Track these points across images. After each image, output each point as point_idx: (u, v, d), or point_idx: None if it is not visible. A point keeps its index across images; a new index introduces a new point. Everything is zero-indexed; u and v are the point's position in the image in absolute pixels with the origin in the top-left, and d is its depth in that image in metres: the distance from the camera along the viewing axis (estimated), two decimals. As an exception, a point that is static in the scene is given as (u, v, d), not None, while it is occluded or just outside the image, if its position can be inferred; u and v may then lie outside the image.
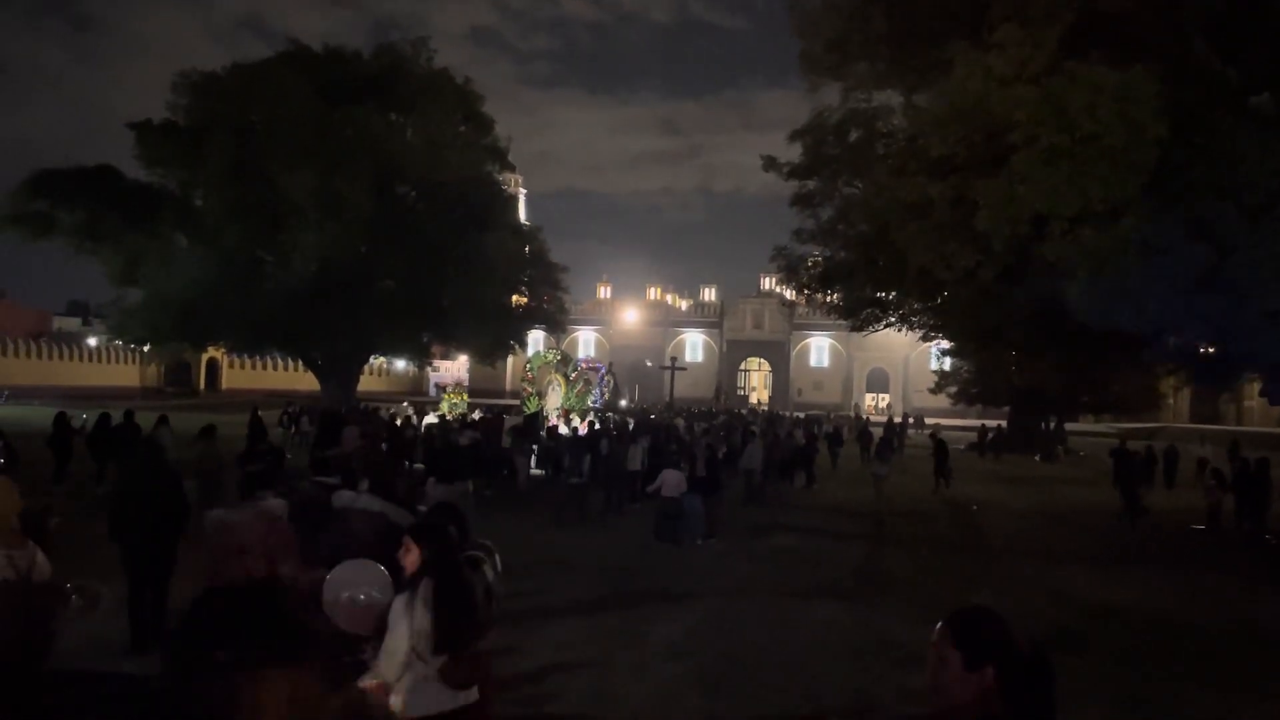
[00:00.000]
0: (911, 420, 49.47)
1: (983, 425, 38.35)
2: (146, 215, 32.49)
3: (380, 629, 3.82)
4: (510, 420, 24.53)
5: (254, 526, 5.19)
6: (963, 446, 34.14)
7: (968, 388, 44.31)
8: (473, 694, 3.87)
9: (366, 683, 3.73)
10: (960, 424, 44.76)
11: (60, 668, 4.19)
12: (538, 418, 25.13)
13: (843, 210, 26.83)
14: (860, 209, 24.77)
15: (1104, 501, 19.62)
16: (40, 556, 4.15)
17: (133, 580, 7.51)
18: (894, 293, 29.85)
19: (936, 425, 32.50)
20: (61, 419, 17.52)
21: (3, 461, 7.84)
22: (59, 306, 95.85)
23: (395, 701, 3.72)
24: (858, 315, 31.96)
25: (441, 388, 46.18)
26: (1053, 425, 40.01)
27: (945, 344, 43.11)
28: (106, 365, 63.45)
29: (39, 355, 59.70)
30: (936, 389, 48.55)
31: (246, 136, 32.32)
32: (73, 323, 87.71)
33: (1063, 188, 16.17)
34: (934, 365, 60.63)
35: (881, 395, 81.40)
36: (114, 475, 14.36)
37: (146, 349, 51.31)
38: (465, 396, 36.97)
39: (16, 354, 57.59)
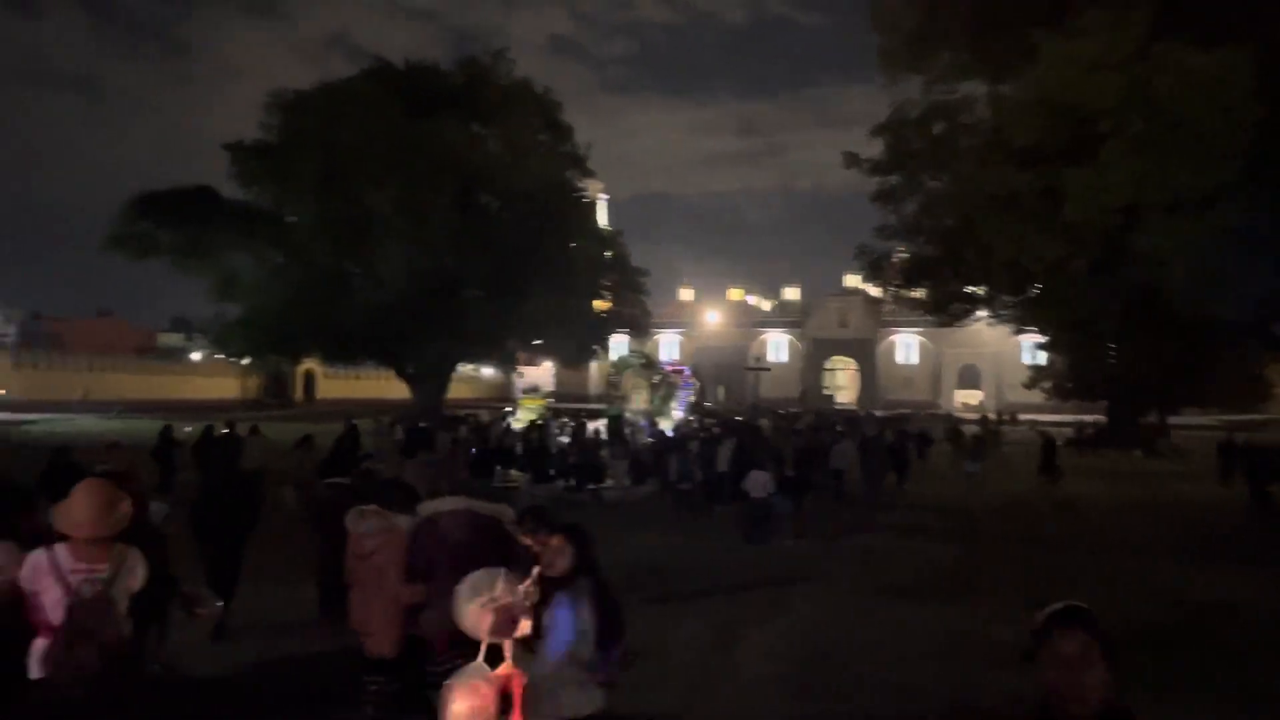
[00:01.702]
0: (1006, 417, 48.15)
1: (1081, 420, 37.15)
2: (243, 233, 33.74)
3: (510, 632, 3.86)
4: (593, 424, 24.73)
5: (379, 537, 5.38)
6: (1060, 442, 33.11)
7: (1063, 382, 42.94)
8: (604, 697, 3.91)
9: (460, 704, 3.75)
10: (1056, 419, 43.43)
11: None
12: (621, 421, 25.29)
13: (926, 204, 26.34)
14: (945, 203, 24.34)
15: (1211, 496, 18.84)
16: (132, 563, 4.22)
17: (208, 579, 7.94)
18: (982, 286, 29.17)
19: (1032, 421, 31.65)
20: (167, 432, 18.31)
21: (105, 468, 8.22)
22: (163, 323, 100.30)
23: (557, 701, 3.74)
24: (945, 310, 31.30)
25: (529, 391, 46.76)
26: (1154, 418, 38.53)
27: (1039, 337, 41.92)
28: (208, 378, 66.07)
29: (146, 370, 62.45)
30: (1031, 384, 47.17)
31: (334, 153, 33.30)
32: (176, 338, 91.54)
33: (1154, 176, 15.62)
34: (1027, 359, 58.98)
35: (973, 391, 79.41)
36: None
37: (246, 362, 53.28)
38: (543, 401, 37.45)
39: (126, 369, 60.36)
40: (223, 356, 53.41)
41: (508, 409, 36.27)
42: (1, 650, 4.33)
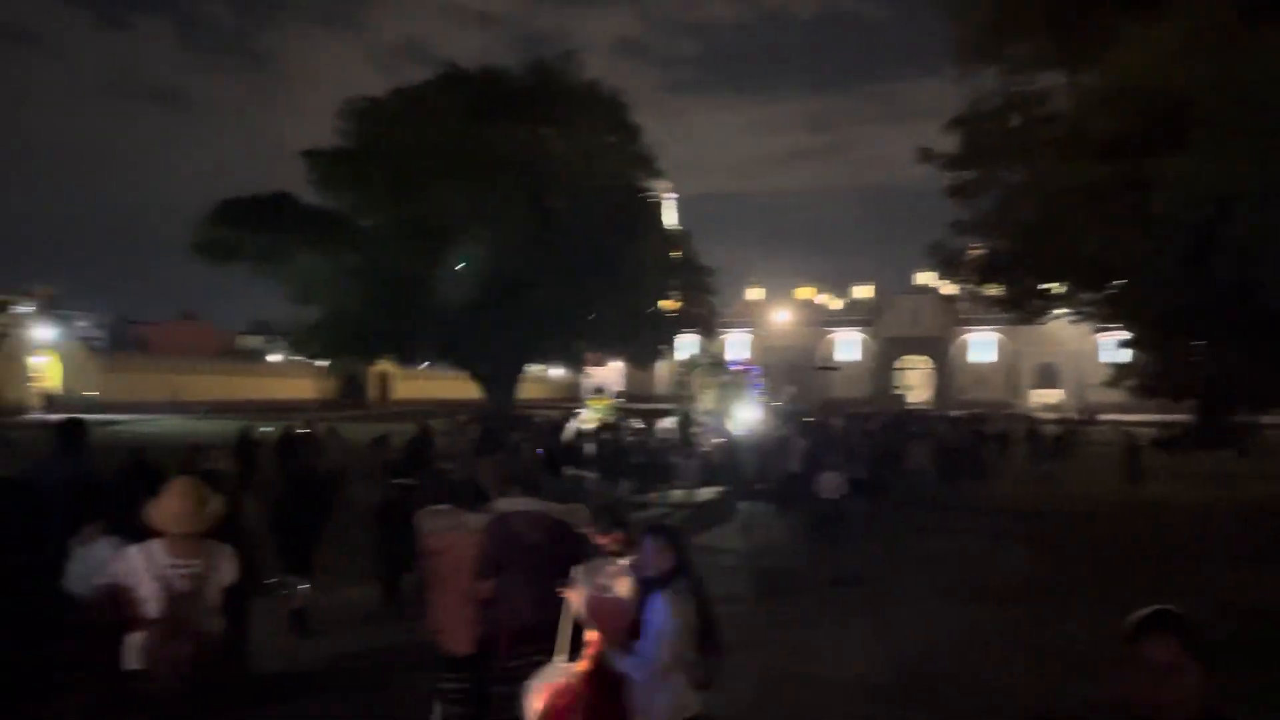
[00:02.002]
0: (1087, 417, 46.84)
1: (1166, 420, 35.95)
2: (320, 237, 34.50)
3: (611, 625, 3.85)
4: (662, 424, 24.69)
5: (450, 536, 5.42)
6: (1144, 443, 32.08)
7: (1148, 380, 41.54)
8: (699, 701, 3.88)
9: (542, 703, 3.74)
10: (1140, 419, 42.11)
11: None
12: (689, 420, 25.23)
13: (1004, 199, 25.61)
14: (1023, 197, 23.66)
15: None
16: (221, 560, 4.35)
17: (286, 573, 8.17)
18: (1062, 283, 28.35)
19: (1114, 421, 30.73)
20: (247, 431, 18.81)
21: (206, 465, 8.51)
22: (243, 326, 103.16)
23: (646, 707, 3.73)
24: (1023, 307, 30.47)
25: (596, 392, 46.99)
26: (1244, 418, 37.05)
27: (1121, 335, 40.62)
28: (287, 380, 67.76)
29: (228, 372, 64.33)
30: (1113, 382, 45.70)
31: (407, 157, 33.87)
32: (256, 340, 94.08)
33: (1246, 165, 14.97)
34: (1108, 357, 57.30)
35: (1051, 391, 77.46)
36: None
37: (323, 364, 54.55)
38: (609, 401, 37.59)
39: (209, 371, 62.25)
40: (300, 358, 54.74)
41: (579, 409, 36.48)
42: (102, 643, 4.47)
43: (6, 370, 47.71)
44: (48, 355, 50.97)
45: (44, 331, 52.53)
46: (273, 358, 74.00)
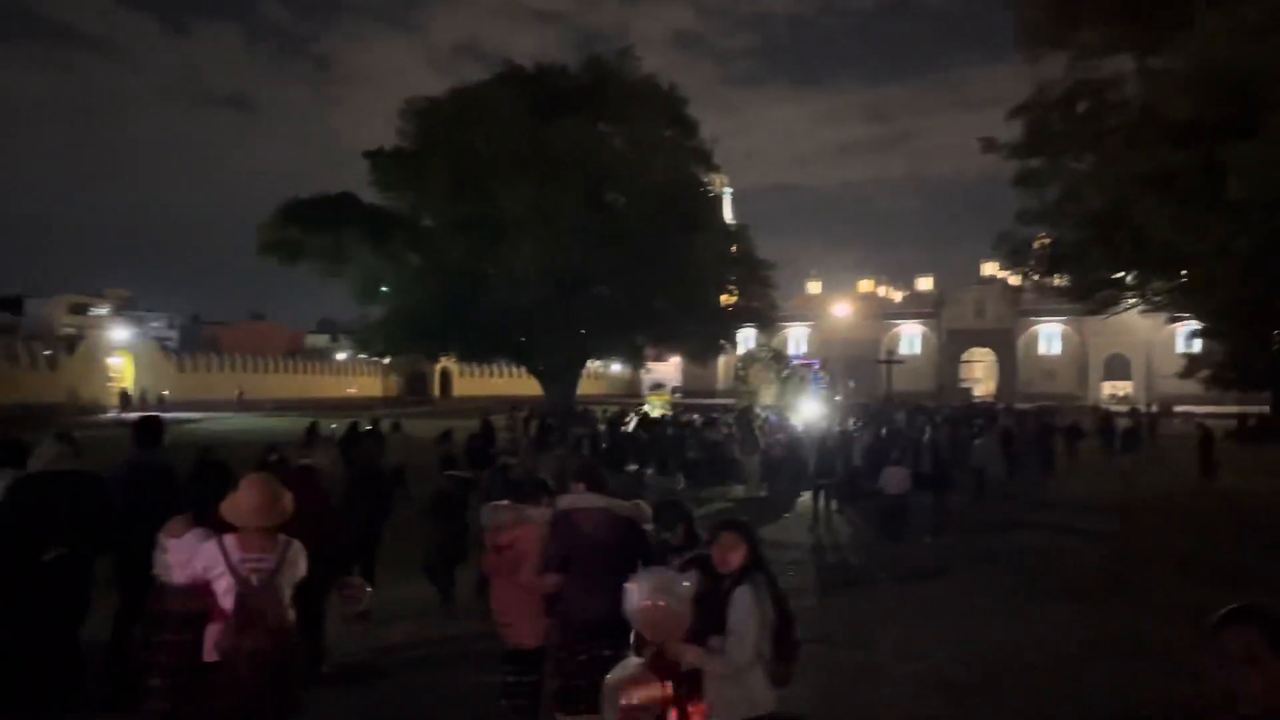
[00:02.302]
0: (1160, 409, 45.50)
1: (1244, 412, 34.80)
2: (383, 237, 35.07)
3: (676, 634, 3.82)
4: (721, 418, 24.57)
5: (513, 530, 5.47)
6: (1219, 435, 31.11)
7: (1223, 371, 40.29)
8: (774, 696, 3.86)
9: (630, 698, 3.72)
10: (1215, 411, 40.82)
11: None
12: (749, 415, 25.09)
13: (1071, 187, 25.06)
14: (1091, 185, 23.11)
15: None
16: (296, 553, 4.42)
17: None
18: (1133, 272, 27.61)
19: (1187, 413, 29.84)
20: (313, 428, 19.14)
21: (276, 458, 8.71)
22: (310, 325, 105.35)
23: (723, 704, 3.70)
24: (1092, 298, 29.77)
25: (655, 387, 47.08)
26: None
27: (1194, 324, 39.42)
28: (352, 377, 68.96)
29: (296, 370, 65.70)
30: (1186, 373, 44.42)
31: (466, 156, 34.24)
32: (322, 339, 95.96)
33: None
34: (1182, 348, 55.70)
35: (1121, 382, 75.52)
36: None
37: (387, 361, 55.44)
38: (666, 397, 37.66)
39: (277, 370, 63.63)
40: (365, 356, 55.67)
41: (644, 405, 36.56)
42: (182, 632, 4.61)
43: (85, 371, 49.30)
44: (123, 356, 52.54)
45: (119, 333, 54.18)
46: (339, 356, 75.38)
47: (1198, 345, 45.64)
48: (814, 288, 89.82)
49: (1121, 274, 28.32)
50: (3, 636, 5.06)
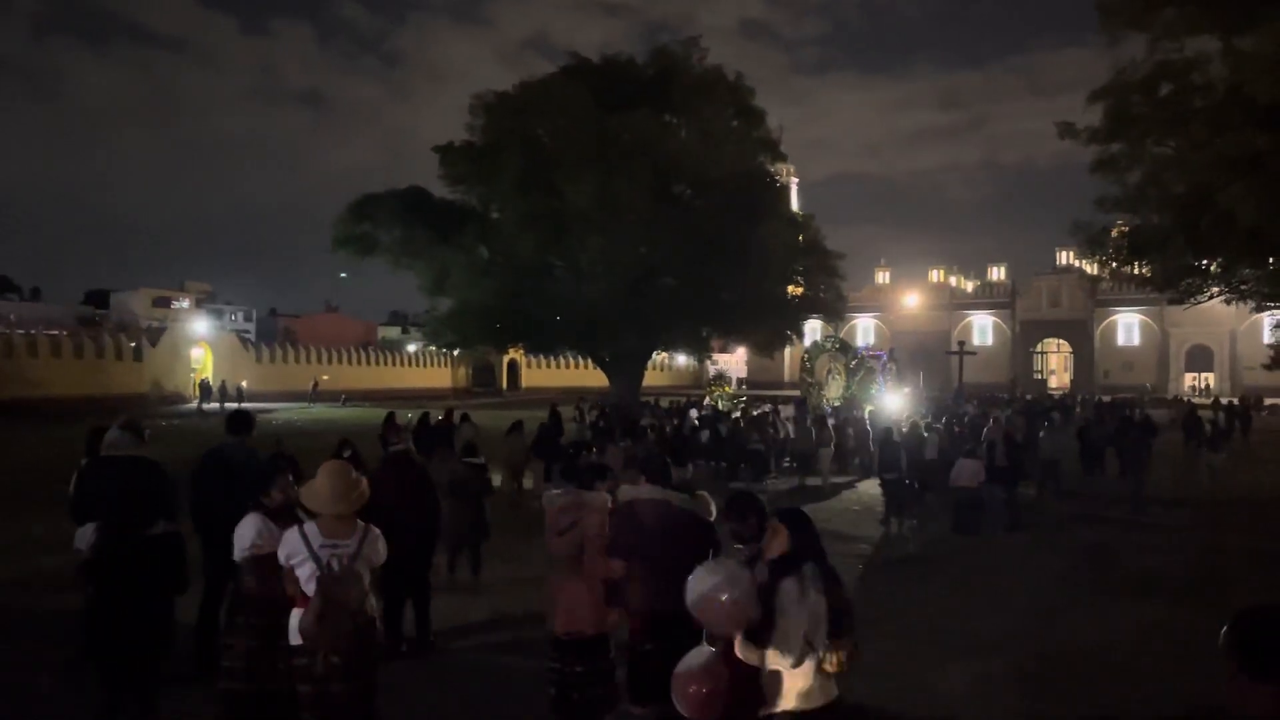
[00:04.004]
0: (1250, 401, 43.79)
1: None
2: (452, 230, 35.52)
3: (738, 628, 3.76)
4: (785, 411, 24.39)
5: (573, 513, 5.49)
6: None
7: (1314, 362, 38.72)
8: (837, 688, 3.82)
9: (697, 688, 3.70)
10: (1306, 404, 39.29)
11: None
12: (817, 407, 24.89)
13: (1153, 173, 24.21)
14: (1175, 169, 22.32)
15: None
16: (374, 539, 4.53)
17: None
18: (1218, 259, 26.63)
19: (1274, 405, 28.72)
20: (390, 419, 19.48)
21: (350, 453, 8.87)
22: (382, 317, 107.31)
23: (786, 694, 3.69)
24: (1175, 286, 28.76)
25: (716, 380, 46.95)
26: None
27: (1283, 314, 37.95)
28: (423, 369, 70.10)
29: (368, 362, 67.00)
30: (1273, 365, 42.75)
31: (534, 150, 34.48)
32: (394, 331, 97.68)
33: None
34: (1269, 338, 53.62)
35: (1204, 374, 73.06)
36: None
37: (456, 353, 56.19)
38: (728, 388, 37.52)
39: (350, 362, 64.97)
40: (435, 348, 56.50)
41: (701, 396, 36.48)
42: (263, 616, 4.75)
43: (168, 362, 50.91)
44: (203, 347, 54.13)
45: (200, 325, 55.85)
46: (410, 348, 76.71)
47: (1287, 336, 43.89)
48: (882, 278, 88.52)
49: (1206, 261, 27.33)
50: (101, 606, 5.33)
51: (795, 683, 3.69)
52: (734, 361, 78.83)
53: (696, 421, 21.77)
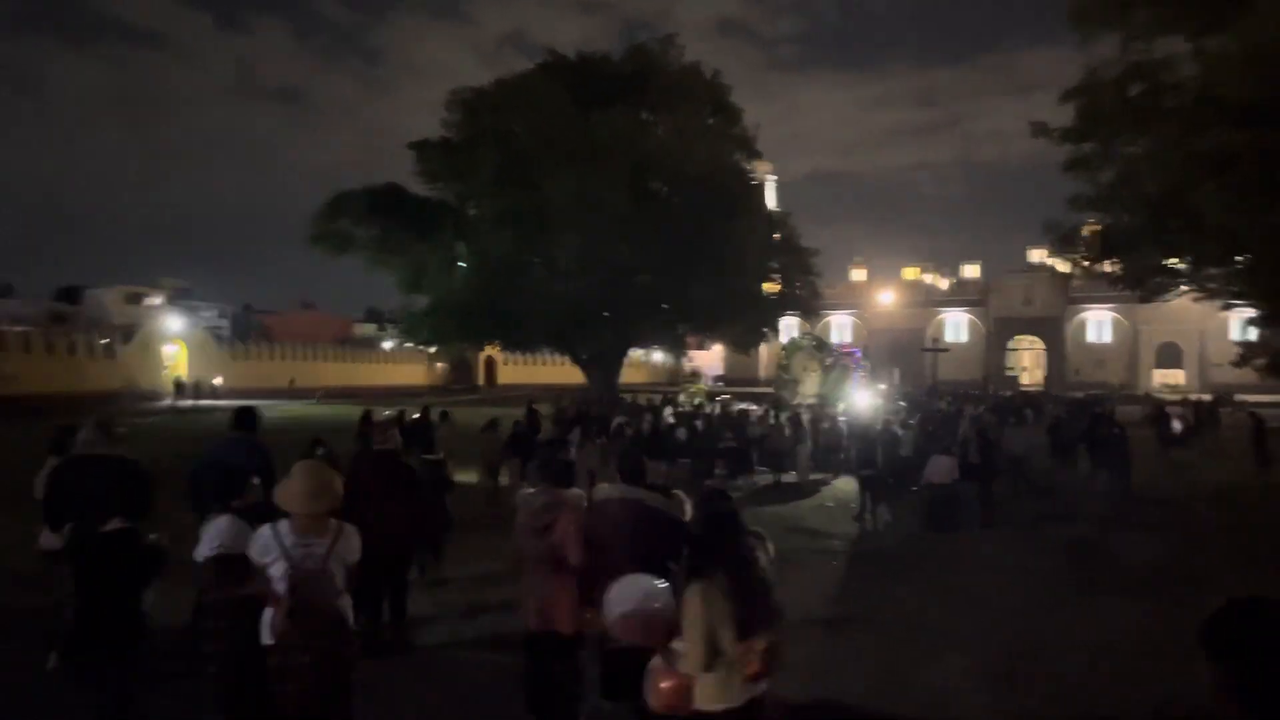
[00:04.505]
0: (1216, 398, 44.39)
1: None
2: (429, 228, 35.36)
3: (665, 639, 3.83)
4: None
5: (553, 512, 5.45)
6: (1273, 425, 30.34)
7: (1279, 359, 39.23)
8: (762, 686, 3.86)
9: (665, 683, 3.76)
10: (1271, 400, 39.89)
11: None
12: (792, 404, 24.99)
13: (1124, 172, 24.48)
14: (1146, 169, 22.59)
15: None
16: (348, 537, 4.52)
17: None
18: (1188, 257, 26.99)
19: (1240, 402, 29.15)
20: (367, 416, 19.38)
21: (324, 451, 8.82)
22: (358, 314, 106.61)
23: (698, 695, 3.73)
24: (1145, 284, 29.13)
25: (689, 377, 47.07)
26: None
27: (1250, 312, 38.40)
28: (399, 366, 69.77)
29: (344, 359, 66.60)
30: (1241, 362, 43.34)
31: (511, 146, 34.38)
32: (370, 328, 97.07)
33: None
34: (1236, 336, 54.37)
35: (1173, 371, 73.96)
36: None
37: (433, 350, 55.95)
38: (702, 386, 37.69)
39: (326, 358, 64.56)
40: (411, 345, 56.27)
41: (675, 394, 36.53)
42: (235, 616, 4.73)
43: (141, 359, 50.41)
44: (177, 344, 53.62)
45: (174, 322, 55.30)
46: (386, 345, 76.29)
47: (1253, 333, 44.50)
48: (858, 275, 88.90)
49: (1176, 260, 27.68)
50: (78, 603, 5.29)
51: (708, 684, 3.72)
52: (711, 359, 78.95)
53: (671, 419, 21.79)
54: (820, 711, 6.11)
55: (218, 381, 48.97)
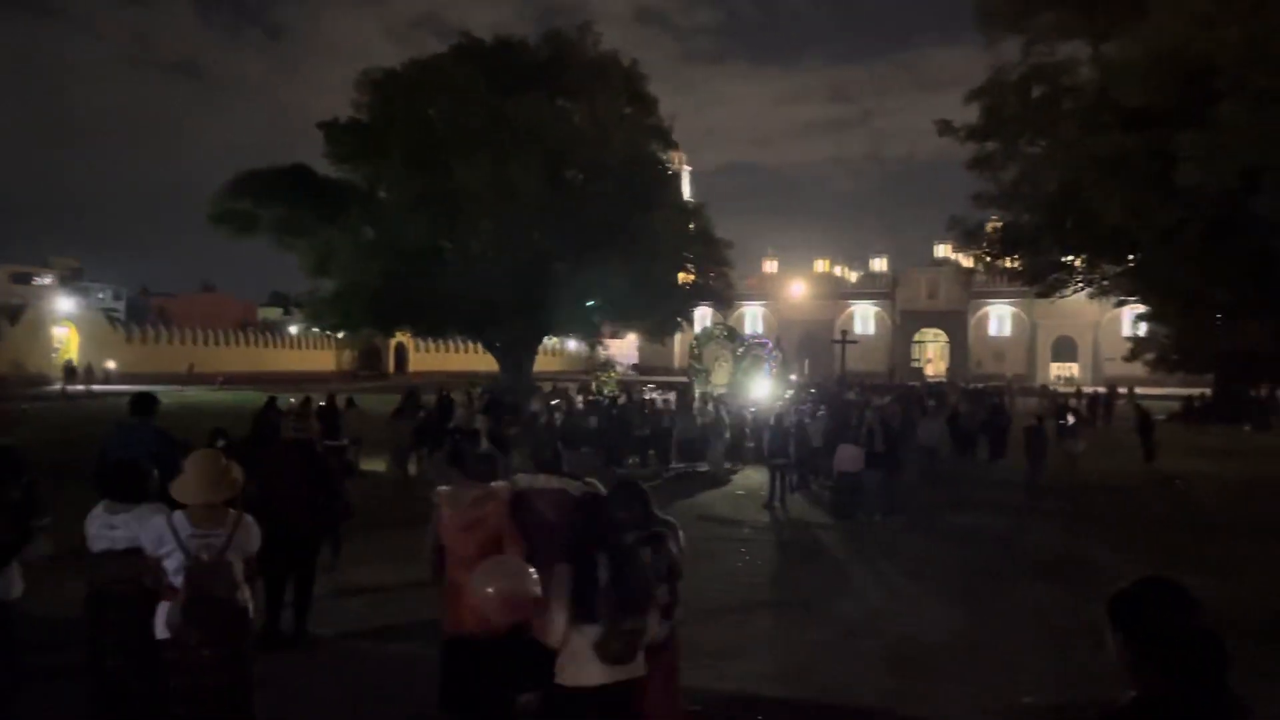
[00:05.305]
0: (1108, 390, 46.35)
1: (1194, 395, 35.74)
2: (337, 210, 34.52)
3: (511, 618, 3.95)
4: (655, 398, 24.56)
5: (484, 506, 5.32)
6: (1163, 416, 31.88)
7: (1167, 354, 41.23)
8: (633, 669, 3.88)
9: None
10: (1159, 393, 41.80)
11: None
12: (704, 393, 25.12)
13: (1026, 171, 25.37)
14: (1046, 168, 23.44)
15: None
16: (247, 527, 4.40)
17: None
18: (1083, 255, 28.10)
19: (1129, 395, 30.51)
20: (272, 403, 18.84)
21: (223, 444, 8.54)
22: (262, 298, 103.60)
23: (558, 671, 3.85)
24: (1043, 280, 30.30)
25: (602, 366, 47.08)
26: (1263, 392, 36.75)
27: (1140, 308, 40.22)
28: (305, 351, 68.10)
29: (247, 343, 64.67)
30: (1131, 356, 45.38)
31: (424, 130, 33.77)
32: (275, 312, 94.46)
33: (1275, 136, 14.73)
34: (1128, 331, 56.86)
35: (1068, 364, 77.01)
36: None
37: (340, 335, 54.76)
38: (614, 375, 37.80)
39: (228, 343, 62.58)
40: (318, 330, 54.94)
41: (588, 382, 36.46)
42: (131, 609, 4.53)
43: (29, 342, 48.13)
44: (68, 327, 51.33)
45: (64, 303, 52.90)
46: (292, 329, 74.32)
47: (1144, 329, 46.63)
48: (770, 267, 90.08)
49: (1072, 257, 28.80)
50: None
51: (564, 661, 3.84)
52: (625, 347, 79.10)
53: (580, 405, 21.74)
54: (728, 701, 6.17)
55: (110, 366, 47.02)
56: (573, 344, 74.28)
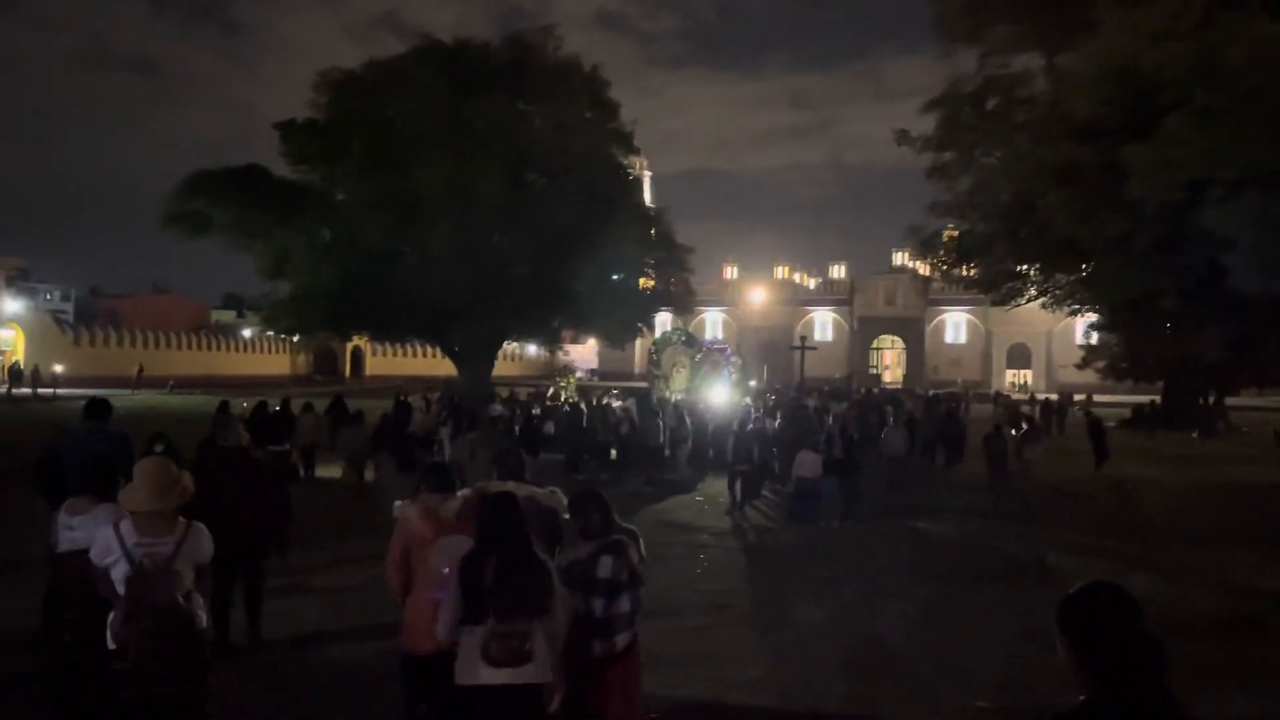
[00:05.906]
0: (1061, 397, 47.09)
1: (1144, 402, 36.46)
2: (293, 211, 34.08)
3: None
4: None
5: (440, 524, 5.16)
6: (1114, 424, 32.46)
7: (1118, 362, 42.05)
8: (530, 674, 3.87)
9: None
10: (1110, 400, 42.58)
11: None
12: (662, 399, 25.15)
13: (981, 181, 25.77)
14: (1000, 179, 23.83)
15: (1271, 480, 18.34)
16: (194, 538, 4.31)
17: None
18: (1037, 264, 28.59)
19: (1081, 401, 31.02)
20: (225, 407, 18.52)
21: (162, 447, 8.39)
22: (216, 300, 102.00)
23: (459, 666, 3.90)
24: (998, 289, 30.79)
25: (561, 371, 46.99)
26: (1211, 400, 37.61)
27: (1093, 317, 40.98)
28: (260, 355, 67.13)
29: (199, 347, 63.59)
30: (1084, 364, 46.24)
31: (383, 131, 33.45)
32: (229, 315, 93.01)
33: (1222, 149, 15.10)
34: (1080, 339, 57.88)
35: (1023, 371, 78.26)
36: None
37: (296, 339, 54.07)
38: (573, 380, 37.80)
39: (180, 346, 61.50)
40: (273, 333, 54.19)
41: (547, 387, 36.36)
42: (82, 615, 4.43)
43: (-29, 343, 46.96)
44: (13, 328, 50.13)
45: (10, 304, 51.68)
46: (246, 332, 73.24)
47: (1095, 337, 47.52)
48: (730, 273, 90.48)
49: (1026, 267, 29.29)
50: None
51: (459, 659, 3.90)
52: (585, 352, 78.98)
53: (538, 411, 21.65)
54: (688, 708, 6.15)
55: (58, 369, 45.98)
56: (532, 348, 74.01)
